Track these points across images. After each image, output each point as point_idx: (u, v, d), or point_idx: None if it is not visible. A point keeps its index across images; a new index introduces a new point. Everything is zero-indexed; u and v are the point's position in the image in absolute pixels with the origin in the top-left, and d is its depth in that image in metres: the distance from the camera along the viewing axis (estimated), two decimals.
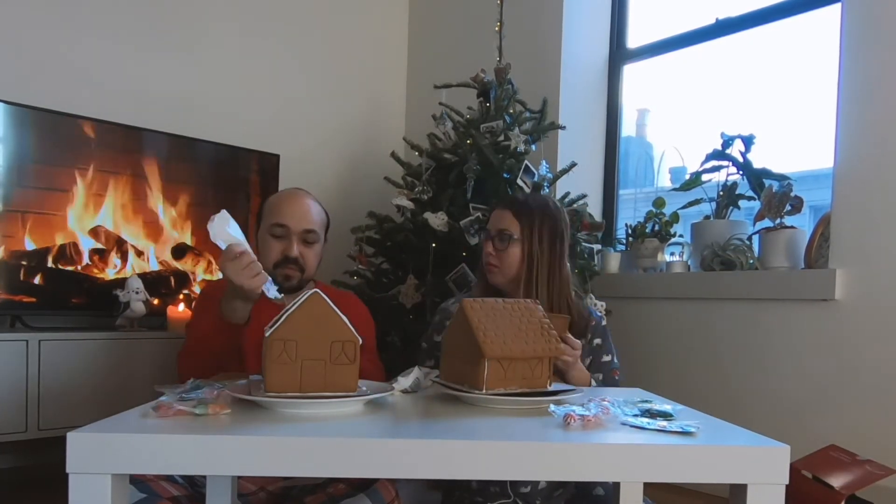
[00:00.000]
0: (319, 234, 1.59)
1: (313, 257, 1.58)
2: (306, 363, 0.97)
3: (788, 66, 2.53)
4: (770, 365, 2.16)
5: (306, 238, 1.56)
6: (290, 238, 1.54)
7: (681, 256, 2.50)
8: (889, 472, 1.51)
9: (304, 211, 1.57)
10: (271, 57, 3.04)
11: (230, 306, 1.35)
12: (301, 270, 1.56)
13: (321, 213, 1.62)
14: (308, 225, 1.56)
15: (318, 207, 1.62)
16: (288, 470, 0.80)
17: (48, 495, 2.07)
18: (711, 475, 0.83)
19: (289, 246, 1.53)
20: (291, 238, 1.54)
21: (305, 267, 1.56)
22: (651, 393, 1.26)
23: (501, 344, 1.05)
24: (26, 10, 2.42)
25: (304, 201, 1.59)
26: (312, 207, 1.59)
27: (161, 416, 0.88)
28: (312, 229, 1.56)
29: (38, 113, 2.23)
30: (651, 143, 3.17)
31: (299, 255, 1.54)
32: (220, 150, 2.67)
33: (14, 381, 2.05)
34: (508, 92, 2.37)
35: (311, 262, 1.58)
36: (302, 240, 1.55)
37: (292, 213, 1.55)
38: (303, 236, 1.55)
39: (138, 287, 2.30)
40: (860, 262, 1.96)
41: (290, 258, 1.53)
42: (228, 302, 1.35)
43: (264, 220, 1.58)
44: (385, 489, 1.32)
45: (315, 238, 1.57)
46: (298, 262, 1.54)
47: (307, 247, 1.56)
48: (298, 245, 1.55)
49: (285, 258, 1.54)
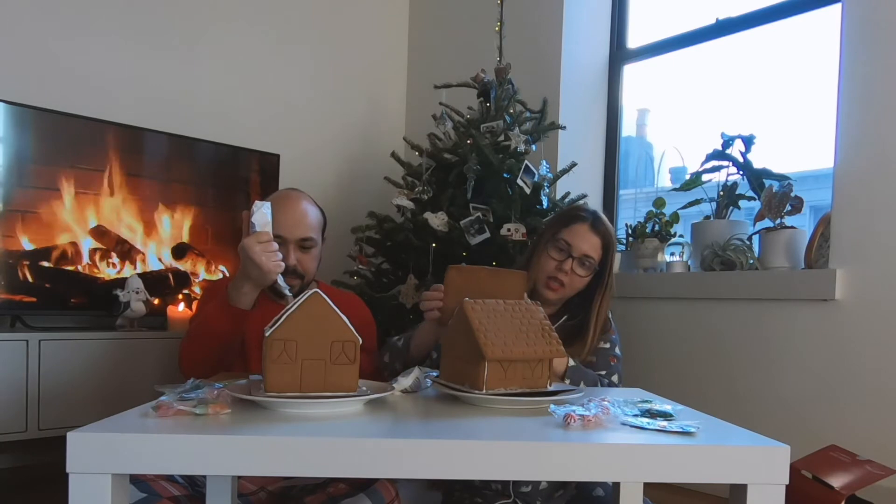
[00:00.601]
0: (316, 238, 1.55)
1: (311, 262, 1.55)
2: (306, 363, 0.97)
3: (788, 66, 2.53)
4: (770, 365, 2.16)
5: (303, 245, 1.52)
6: (286, 247, 1.50)
7: (681, 256, 2.50)
8: (889, 472, 1.51)
9: (299, 219, 1.52)
10: (272, 57, 3.05)
11: (239, 290, 1.35)
12: (300, 277, 1.53)
13: (317, 215, 1.58)
14: (303, 233, 1.52)
15: (313, 209, 1.58)
16: (288, 470, 0.80)
17: (48, 495, 2.07)
18: (711, 475, 0.83)
19: (285, 255, 1.49)
20: (288, 247, 1.50)
21: (305, 273, 1.54)
22: (651, 393, 1.26)
23: (502, 345, 1.05)
24: (26, 10, 2.42)
25: (297, 208, 1.54)
26: (307, 212, 1.55)
27: (161, 415, 0.88)
28: (308, 237, 1.53)
29: (38, 113, 2.23)
30: (651, 143, 3.17)
31: (297, 264, 1.51)
32: (221, 150, 2.67)
33: (14, 381, 2.05)
34: (508, 92, 2.37)
35: (309, 268, 1.55)
36: (299, 247, 1.52)
37: (286, 223, 1.50)
38: (299, 244, 1.52)
39: (138, 287, 2.30)
40: (860, 262, 1.96)
41: (288, 268, 1.49)
42: (238, 286, 1.35)
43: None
44: (385, 489, 1.32)
45: (312, 244, 1.54)
46: (297, 270, 1.51)
47: (305, 252, 1.53)
48: (295, 253, 1.51)
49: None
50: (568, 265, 1.44)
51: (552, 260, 1.45)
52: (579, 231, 1.47)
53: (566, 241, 1.46)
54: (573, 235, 1.46)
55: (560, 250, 1.46)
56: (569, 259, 1.44)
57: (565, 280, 1.44)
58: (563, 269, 1.44)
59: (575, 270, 1.44)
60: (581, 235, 1.46)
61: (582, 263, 1.44)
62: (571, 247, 1.45)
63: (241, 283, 1.35)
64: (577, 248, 1.45)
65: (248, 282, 1.34)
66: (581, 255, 1.45)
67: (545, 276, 1.46)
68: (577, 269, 1.44)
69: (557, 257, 1.45)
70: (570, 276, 1.44)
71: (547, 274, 1.45)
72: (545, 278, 1.46)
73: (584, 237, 1.45)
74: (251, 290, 1.36)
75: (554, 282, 1.44)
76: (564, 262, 1.44)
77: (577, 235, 1.46)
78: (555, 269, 1.44)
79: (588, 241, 1.45)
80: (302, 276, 1.53)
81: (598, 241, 1.46)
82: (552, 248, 1.47)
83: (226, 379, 1.17)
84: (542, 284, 1.46)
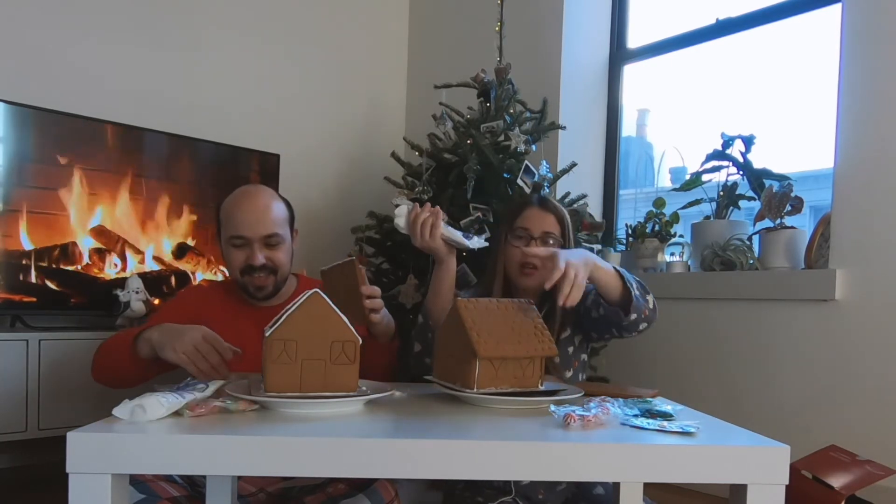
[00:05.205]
0: (282, 233, 1.51)
1: (282, 256, 1.51)
2: (306, 363, 0.97)
3: (788, 66, 2.53)
4: (770, 365, 2.16)
5: (268, 242, 1.49)
6: (251, 246, 1.47)
7: (681, 257, 2.50)
8: (889, 472, 1.51)
9: (259, 216, 1.48)
10: (272, 57, 3.04)
11: (148, 342, 1.27)
12: (273, 272, 1.51)
13: (281, 209, 1.53)
14: (267, 230, 1.48)
15: (277, 204, 1.53)
16: (288, 470, 0.80)
17: (48, 495, 2.07)
18: (711, 475, 0.83)
19: (251, 254, 1.47)
20: (253, 246, 1.47)
21: (277, 267, 1.51)
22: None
23: (494, 344, 1.06)
24: (26, 10, 2.41)
25: (258, 204, 1.49)
26: (270, 208, 1.50)
27: (197, 415, 0.89)
28: (273, 233, 1.49)
29: (38, 113, 2.23)
30: (651, 143, 3.17)
31: (266, 261, 1.49)
32: (221, 149, 2.67)
33: (14, 381, 2.05)
34: (508, 92, 2.37)
35: (281, 262, 1.51)
36: (264, 245, 1.49)
37: (247, 223, 1.47)
38: (265, 241, 1.48)
39: (138, 287, 2.30)
40: (860, 262, 1.96)
41: (256, 267, 1.47)
42: (151, 340, 1.26)
43: (223, 230, 1.52)
44: (385, 489, 1.32)
45: (278, 240, 1.50)
46: (267, 266, 1.49)
47: (273, 249, 1.50)
48: (262, 251, 1.48)
49: (250, 266, 1.48)
50: (534, 248, 1.46)
51: (517, 249, 1.49)
52: (531, 214, 1.52)
53: (523, 228, 1.51)
54: (528, 220, 1.51)
55: (520, 237, 1.50)
56: (531, 241, 1.49)
57: (536, 262, 1.44)
58: (532, 251, 1.46)
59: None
60: (535, 217, 1.51)
61: (545, 241, 1.49)
62: (529, 230, 1.50)
63: (156, 342, 1.25)
64: (535, 228, 1.50)
65: (162, 348, 1.23)
66: (541, 233, 1.49)
67: (517, 266, 1.49)
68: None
69: (520, 244, 1.50)
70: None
71: (517, 262, 1.48)
72: (517, 267, 1.49)
73: (538, 218, 1.51)
74: (152, 351, 1.27)
75: (526, 267, 1.47)
76: (529, 246, 1.48)
77: (531, 219, 1.51)
78: (522, 255, 1.46)
79: (543, 220, 1.50)
80: (275, 270, 1.51)
81: (551, 217, 1.51)
82: (513, 239, 1.51)
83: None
84: (517, 275, 1.49)
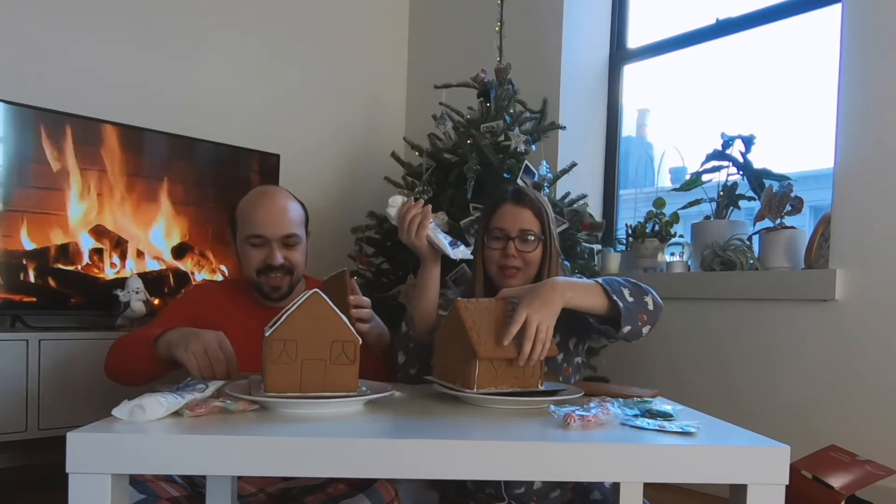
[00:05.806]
0: (300, 234, 1.53)
1: (299, 257, 1.53)
2: (306, 363, 0.97)
3: (788, 66, 2.53)
4: (770, 365, 2.16)
5: (286, 242, 1.50)
6: (269, 245, 1.49)
7: (681, 257, 2.50)
8: (889, 472, 1.50)
9: (279, 216, 1.50)
10: (272, 57, 3.04)
11: (168, 344, 1.26)
12: (290, 273, 1.52)
13: (298, 210, 1.55)
14: (285, 230, 1.49)
15: (294, 204, 1.55)
16: (288, 470, 0.80)
17: (48, 495, 2.07)
18: (711, 475, 0.83)
19: (270, 254, 1.48)
20: (272, 245, 1.49)
21: (293, 267, 1.52)
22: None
23: (494, 344, 1.06)
24: (26, 10, 2.41)
25: (277, 204, 1.51)
26: (288, 209, 1.52)
27: (196, 415, 0.89)
28: (291, 233, 1.50)
29: (39, 113, 2.23)
30: (651, 143, 3.17)
31: (284, 261, 1.50)
32: (221, 149, 2.67)
33: (14, 380, 2.05)
34: (508, 92, 2.37)
35: (298, 262, 1.53)
36: (283, 245, 1.50)
37: (267, 222, 1.48)
38: (283, 241, 1.50)
39: (138, 287, 2.30)
40: (860, 262, 1.96)
41: (275, 266, 1.48)
42: (171, 342, 1.25)
43: (240, 230, 1.53)
44: (384, 489, 1.32)
45: (296, 240, 1.52)
46: (285, 265, 1.50)
47: (290, 250, 1.51)
48: (280, 250, 1.49)
49: (269, 266, 1.49)
50: (511, 248, 1.40)
51: (495, 251, 1.42)
52: (506, 212, 1.43)
53: (499, 228, 1.43)
54: (503, 219, 1.43)
55: (497, 238, 1.42)
56: (509, 242, 1.41)
57: (517, 263, 1.40)
58: (508, 253, 1.40)
59: (521, 249, 1.40)
60: (510, 215, 1.42)
61: (524, 240, 1.41)
62: (506, 230, 1.42)
63: (173, 341, 1.24)
64: (511, 228, 1.41)
65: (177, 346, 1.22)
66: (518, 232, 1.41)
67: (497, 268, 1.42)
68: (522, 247, 1.40)
69: (498, 246, 1.42)
70: (519, 257, 1.40)
71: (497, 265, 1.42)
72: (497, 270, 1.42)
73: (513, 215, 1.42)
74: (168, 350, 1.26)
75: (507, 269, 1.41)
76: (507, 247, 1.41)
77: (505, 217, 1.43)
78: (501, 258, 1.41)
79: (519, 217, 1.42)
80: (291, 270, 1.52)
81: (527, 212, 1.42)
82: (491, 241, 1.44)
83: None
84: (499, 277, 1.43)
